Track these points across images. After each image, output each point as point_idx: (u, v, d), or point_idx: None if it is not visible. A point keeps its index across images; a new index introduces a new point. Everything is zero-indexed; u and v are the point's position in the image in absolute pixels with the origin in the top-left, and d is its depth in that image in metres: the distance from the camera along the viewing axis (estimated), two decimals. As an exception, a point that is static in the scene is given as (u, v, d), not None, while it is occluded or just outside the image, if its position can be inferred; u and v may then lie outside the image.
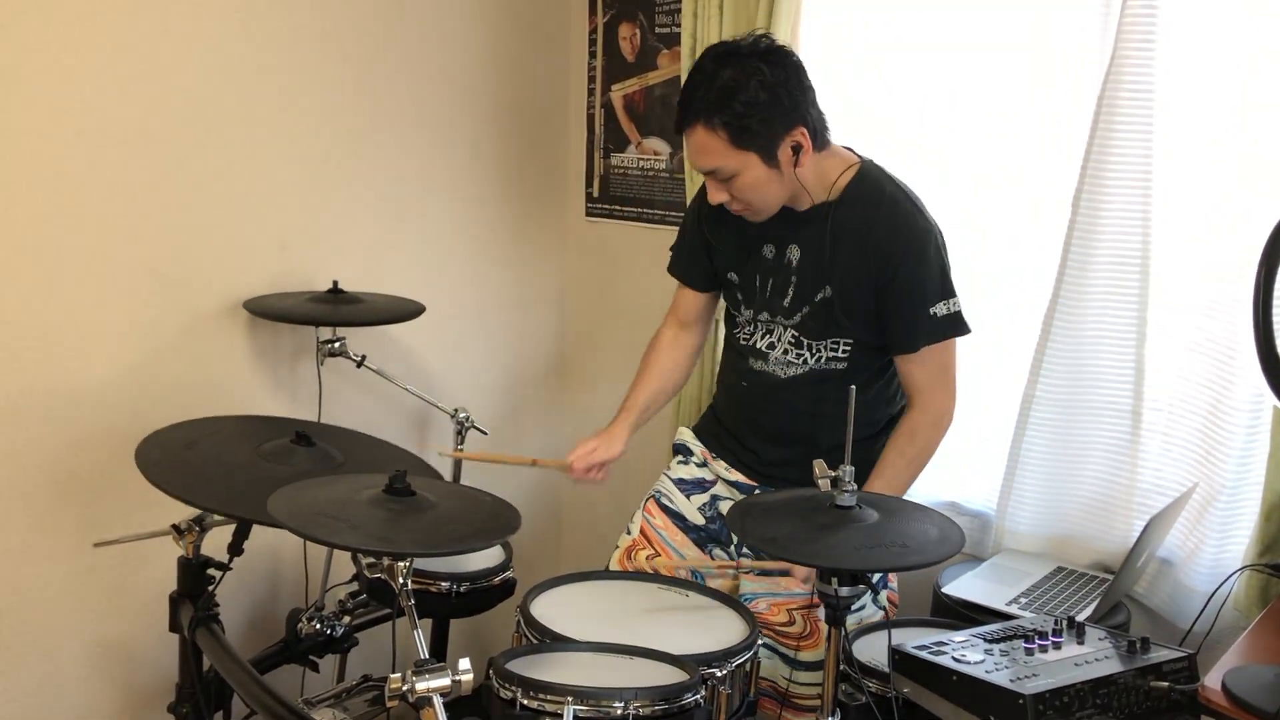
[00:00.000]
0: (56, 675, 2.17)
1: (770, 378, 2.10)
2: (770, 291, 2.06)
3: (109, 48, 2.07)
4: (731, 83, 1.86)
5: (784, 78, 1.88)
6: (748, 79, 1.85)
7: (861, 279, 1.96)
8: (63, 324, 2.08)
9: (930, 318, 1.95)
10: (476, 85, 2.75)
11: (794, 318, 2.04)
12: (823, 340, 2.03)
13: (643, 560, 2.14)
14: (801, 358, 2.06)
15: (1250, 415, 1.94)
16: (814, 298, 2.01)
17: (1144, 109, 2.00)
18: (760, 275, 2.07)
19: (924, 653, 1.61)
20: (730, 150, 1.88)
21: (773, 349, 2.08)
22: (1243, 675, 1.54)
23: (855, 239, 1.96)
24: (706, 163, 1.92)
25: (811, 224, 1.99)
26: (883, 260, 1.94)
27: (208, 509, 1.80)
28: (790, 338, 2.06)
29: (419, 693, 1.41)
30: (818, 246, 1.99)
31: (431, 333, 2.71)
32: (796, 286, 2.03)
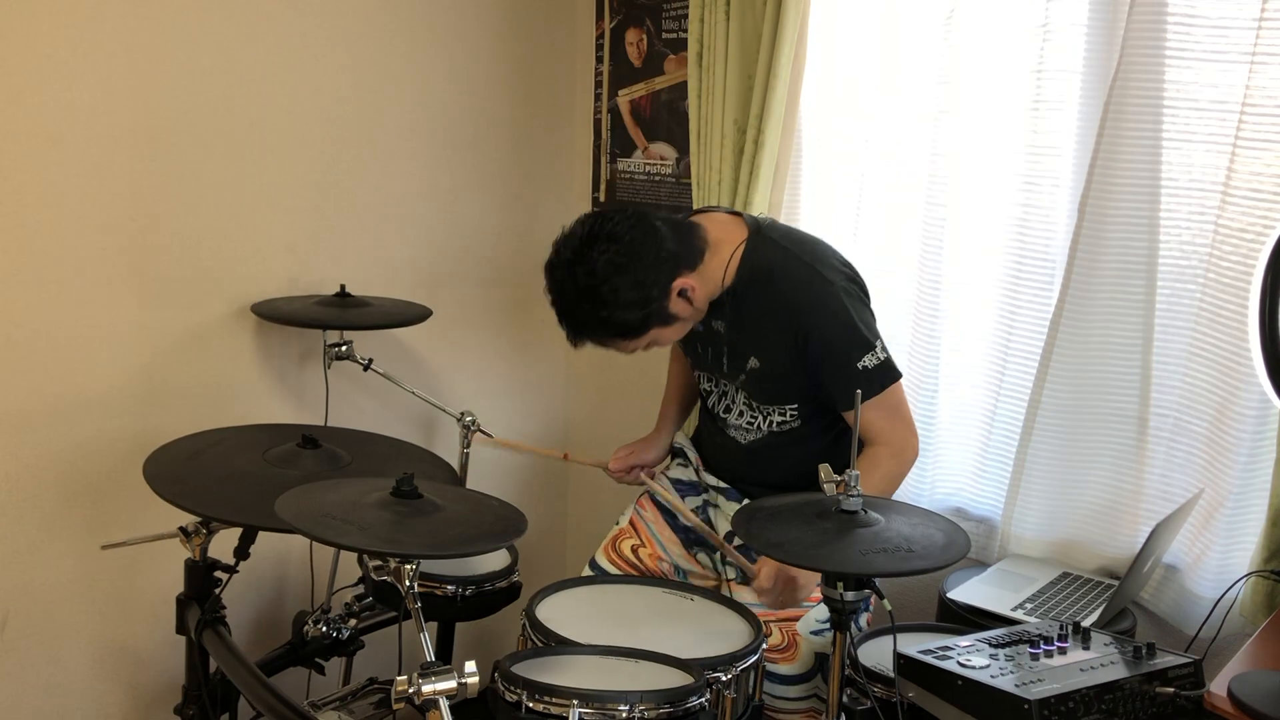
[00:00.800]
0: (64, 677, 2.18)
1: (735, 443, 2.15)
2: (711, 358, 2.11)
3: (117, 52, 2.08)
4: (593, 305, 1.87)
5: (627, 259, 1.86)
6: (602, 293, 1.85)
7: (779, 351, 1.98)
8: (71, 327, 2.09)
9: (860, 371, 1.93)
10: (483, 90, 2.76)
11: (737, 380, 2.08)
12: (769, 405, 2.06)
13: (627, 550, 2.17)
14: (755, 423, 2.09)
15: (1256, 421, 1.93)
16: (745, 366, 2.04)
17: (1151, 116, 2.00)
18: (700, 342, 2.11)
19: (929, 657, 1.60)
20: (633, 340, 1.94)
21: (729, 412, 2.13)
22: (1249, 681, 1.54)
23: (760, 316, 1.98)
24: (621, 352, 1.97)
25: (720, 306, 2.02)
26: (792, 330, 1.94)
27: (215, 518, 1.80)
28: (743, 400, 2.10)
29: (425, 695, 1.41)
30: (737, 324, 2.02)
31: (438, 336, 2.72)
32: (729, 355, 2.06)
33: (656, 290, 1.89)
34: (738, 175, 2.49)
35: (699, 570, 2.20)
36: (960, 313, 2.34)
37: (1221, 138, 1.95)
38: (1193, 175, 2.00)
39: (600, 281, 1.85)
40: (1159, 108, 1.99)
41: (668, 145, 2.84)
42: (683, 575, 2.21)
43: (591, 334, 1.93)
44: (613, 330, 1.90)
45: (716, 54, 2.49)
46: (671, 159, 2.84)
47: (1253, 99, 1.89)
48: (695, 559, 2.21)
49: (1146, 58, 1.98)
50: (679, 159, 2.81)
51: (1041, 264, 2.22)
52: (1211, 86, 1.95)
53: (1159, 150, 2.01)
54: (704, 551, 2.22)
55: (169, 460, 1.85)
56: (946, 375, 2.37)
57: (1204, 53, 1.95)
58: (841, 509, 1.63)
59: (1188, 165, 2.00)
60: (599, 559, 2.21)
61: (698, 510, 2.25)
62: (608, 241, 1.87)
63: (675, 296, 1.92)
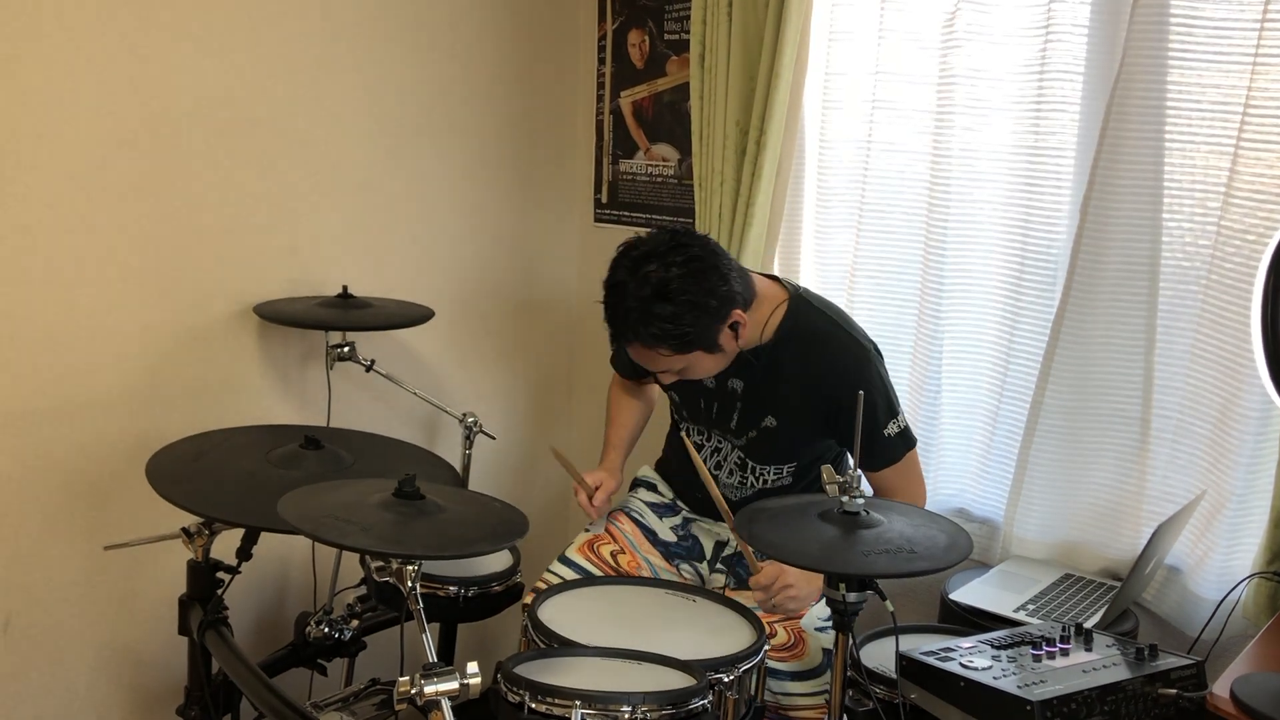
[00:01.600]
0: (66, 677, 2.18)
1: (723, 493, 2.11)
2: (716, 414, 2.10)
3: (119, 53, 2.08)
4: (658, 301, 1.86)
5: (702, 270, 1.88)
6: (671, 290, 1.86)
7: (808, 413, 2.01)
8: (74, 328, 2.09)
9: (885, 439, 2.00)
10: (486, 91, 2.76)
11: (741, 439, 2.08)
12: (767, 465, 2.09)
13: (606, 554, 2.16)
14: (745, 482, 2.12)
15: (1259, 423, 1.93)
16: (759, 424, 2.05)
17: (1154, 117, 2.00)
18: (704, 399, 2.10)
19: (931, 659, 1.61)
20: (674, 357, 1.92)
21: (720, 469, 2.14)
22: (1251, 683, 1.54)
23: (797, 378, 1.99)
24: (654, 367, 1.96)
25: (750, 365, 2.01)
26: (828, 395, 1.97)
27: (217, 518, 1.81)
28: (736, 459, 2.11)
29: (427, 696, 1.41)
30: (759, 382, 2.03)
31: (440, 338, 2.72)
32: (741, 413, 2.06)
33: (717, 311, 1.90)
34: (740, 176, 2.49)
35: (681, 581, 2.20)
36: (962, 314, 2.34)
37: (1224, 139, 1.95)
38: (1195, 177, 2.00)
39: (673, 279, 1.87)
40: (1161, 109, 1.99)
41: (670, 147, 2.84)
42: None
43: (643, 331, 1.88)
44: (666, 335, 1.88)
45: (719, 55, 2.49)
46: (674, 160, 2.84)
47: (1255, 100, 1.89)
48: (678, 570, 2.21)
49: (1149, 59, 1.98)
50: (681, 160, 2.81)
51: (1044, 265, 2.22)
52: (1214, 88, 1.95)
53: (1161, 152, 2.01)
54: (687, 563, 2.22)
55: (171, 461, 1.85)
56: (949, 376, 2.37)
57: (1206, 54, 1.95)
58: (844, 510, 1.63)
59: (1190, 167, 2.00)
60: (573, 556, 2.17)
61: (678, 526, 2.25)
62: (688, 252, 1.89)
63: (727, 328, 1.93)
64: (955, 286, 2.33)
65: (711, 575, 2.21)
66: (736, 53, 2.47)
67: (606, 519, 2.27)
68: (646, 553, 2.21)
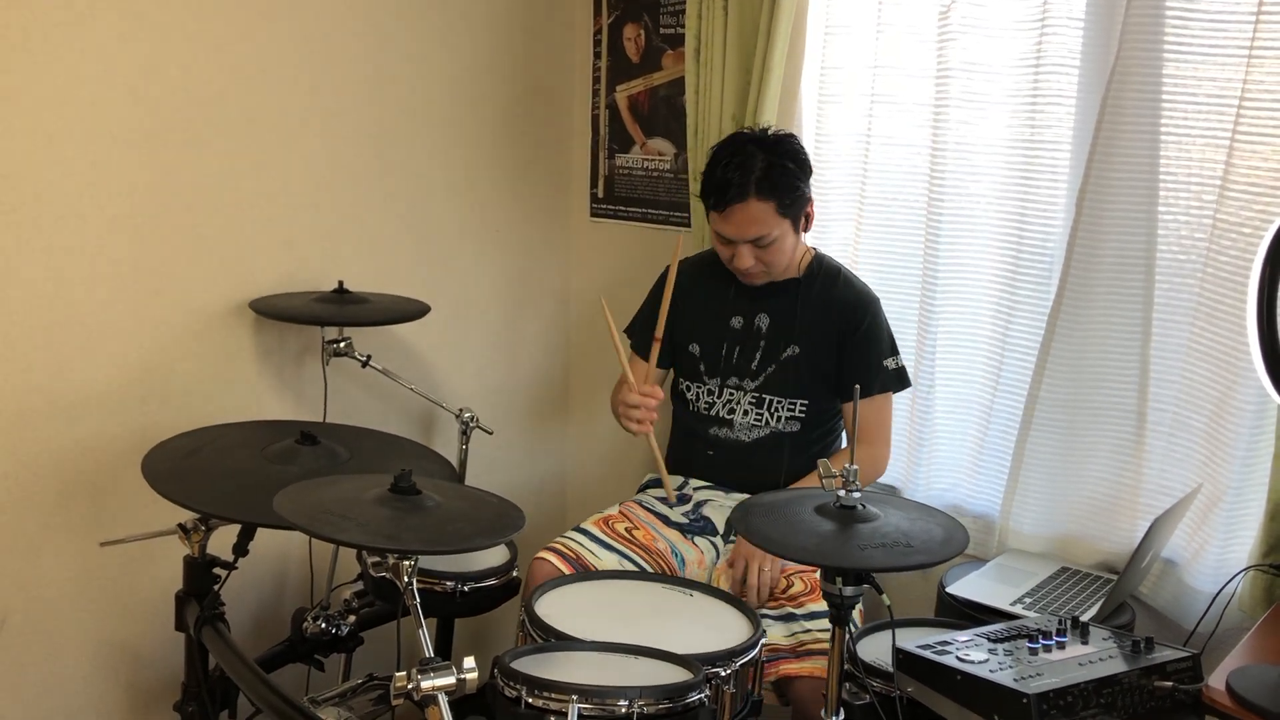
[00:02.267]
0: (63, 674, 2.18)
1: (736, 443, 2.33)
2: (737, 357, 2.32)
3: (114, 48, 2.08)
4: (773, 162, 2.16)
5: (801, 160, 2.20)
6: (783, 159, 2.17)
7: (829, 337, 2.26)
8: (69, 323, 2.09)
9: (884, 368, 2.26)
10: (481, 86, 2.76)
11: (759, 379, 2.31)
12: (782, 399, 2.28)
13: (621, 529, 2.22)
14: (762, 418, 2.30)
15: (1255, 416, 1.94)
16: (780, 356, 2.29)
17: (1149, 110, 2.00)
18: (728, 344, 2.34)
19: (928, 652, 1.61)
20: (775, 219, 2.17)
21: (734, 414, 2.32)
22: (1247, 675, 1.54)
23: (820, 306, 2.28)
24: (754, 231, 2.17)
25: (780, 297, 2.30)
26: (847, 318, 2.26)
27: (213, 514, 1.81)
28: (751, 400, 2.31)
29: (424, 691, 1.41)
30: (787, 313, 2.29)
31: (436, 333, 2.72)
32: (764, 350, 2.30)
33: (808, 190, 2.22)
34: (736, 171, 2.49)
35: (696, 554, 2.24)
36: (959, 307, 2.34)
37: (1219, 132, 1.95)
38: (1191, 170, 2.00)
39: (799, 147, 2.22)
40: (1157, 102, 1.99)
41: (666, 141, 2.84)
42: (680, 559, 2.25)
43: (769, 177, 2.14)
44: (787, 186, 2.15)
45: (714, 49, 2.49)
46: (670, 155, 2.83)
47: (1251, 94, 1.89)
48: (695, 544, 2.26)
49: (1144, 52, 1.98)
50: (677, 155, 2.81)
51: (1040, 258, 2.22)
52: (1209, 81, 1.95)
53: (1157, 145, 2.01)
54: (701, 537, 2.28)
55: (167, 457, 1.85)
56: (944, 370, 2.37)
57: (1202, 47, 1.95)
58: (840, 504, 1.63)
59: (1186, 160, 2.01)
60: (588, 527, 2.26)
61: (688, 512, 2.32)
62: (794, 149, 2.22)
63: (803, 215, 2.23)
64: (951, 279, 2.33)
65: (726, 547, 2.26)
66: (732, 46, 2.46)
67: (619, 505, 2.33)
68: (660, 529, 2.27)
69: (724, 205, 2.16)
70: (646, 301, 2.48)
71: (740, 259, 2.20)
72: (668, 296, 2.24)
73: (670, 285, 2.24)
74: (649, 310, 2.43)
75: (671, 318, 2.31)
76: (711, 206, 2.20)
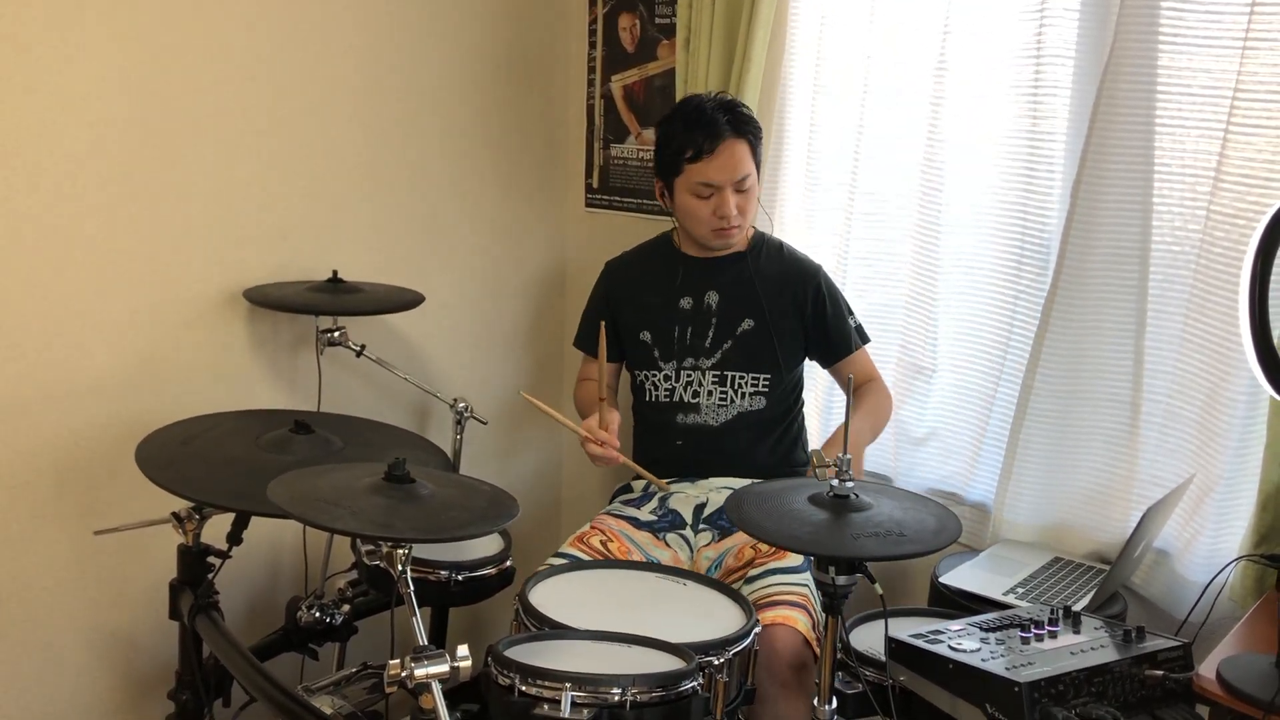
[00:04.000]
0: (57, 662, 2.18)
1: (704, 428, 2.32)
2: (690, 337, 2.33)
3: (108, 38, 2.07)
4: (737, 104, 2.25)
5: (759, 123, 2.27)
6: (740, 107, 2.26)
7: (786, 306, 2.30)
8: (63, 313, 2.09)
9: (852, 325, 2.34)
10: (476, 75, 2.75)
11: (714, 355, 2.31)
12: (744, 374, 2.30)
13: (596, 544, 2.18)
14: (727, 397, 2.31)
15: (1247, 406, 1.94)
16: (735, 331, 2.30)
17: (1144, 101, 2.00)
18: (679, 326, 2.34)
19: (920, 641, 1.61)
20: (750, 160, 2.23)
21: (697, 397, 2.32)
22: (1237, 664, 1.55)
23: (771, 276, 2.32)
24: (743, 170, 2.21)
25: (727, 272, 2.33)
26: (800, 284, 2.31)
27: (207, 503, 1.81)
28: (713, 379, 2.31)
29: (418, 679, 1.42)
30: (738, 287, 2.31)
31: (431, 322, 2.72)
32: (716, 327, 2.31)
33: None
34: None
35: (670, 554, 2.21)
36: (954, 298, 2.34)
37: (1214, 123, 1.95)
38: (1185, 160, 2.00)
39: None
40: (1152, 93, 1.99)
41: (661, 131, 2.83)
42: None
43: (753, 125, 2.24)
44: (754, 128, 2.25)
45: (702, 38, 2.50)
46: (665, 145, 2.83)
47: (1245, 84, 1.89)
48: (666, 543, 2.22)
49: (1140, 43, 1.98)
50: (672, 145, 2.80)
51: (1035, 249, 2.22)
52: (1204, 72, 1.95)
53: (1152, 135, 2.01)
54: (673, 533, 2.24)
55: (161, 446, 1.85)
56: (944, 360, 2.37)
57: (1197, 38, 1.95)
58: (834, 494, 1.63)
59: (1180, 150, 2.01)
60: (566, 549, 2.19)
61: (655, 509, 2.29)
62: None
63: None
64: (947, 271, 2.33)
65: (697, 536, 2.23)
66: (719, 36, 2.46)
67: (590, 523, 2.28)
68: (633, 535, 2.23)
69: (715, 144, 2.18)
70: (587, 314, 2.50)
71: (726, 205, 2.21)
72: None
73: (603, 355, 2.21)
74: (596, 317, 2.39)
75: (616, 313, 2.36)
76: (695, 155, 2.20)
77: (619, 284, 2.43)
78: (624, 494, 2.40)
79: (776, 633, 1.92)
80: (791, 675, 1.89)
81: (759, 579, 2.07)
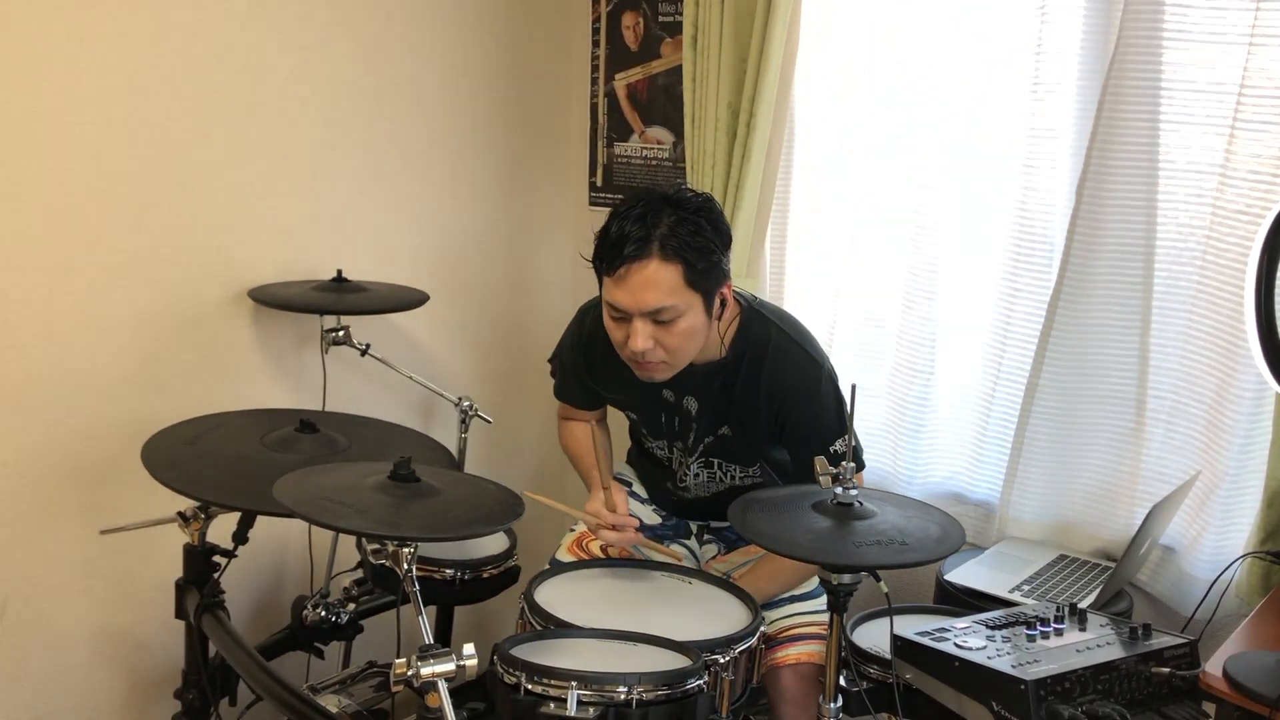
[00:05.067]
0: (64, 662, 2.18)
1: (692, 496, 2.17)
2: (676, 427, 2.08)
3: (112, 37, 2.07)
4: (683, 222, 1.81)
5: (721, 227, 1.86)
6: (697, 221, 1.81)
7: (759, 424, 1.98)
8: (68, 313, 2.09)
9: (832, 455, 1.90)
10: (480, 74, 2.75)
11: (697, 451, 2.09)
12: (731, 465, 2.09)
13: (595, 550, 2.16)
14: (715, 477, 2.12)
15: (1253, 403, 1.94)
16: (717, 433, 2.04)
17: (1149, 98, 1.99)
18: (665, 414, 2.08)
19: (926, 639, 1.61)
20: (682, 289, 1.81)
21: (687, 476, 2.14)
22: (1244, 661, 1.55)
23: (747, 391, 1.96)
24: (653, 300, 1.80)
25: (705, 379, 1.99)
26: (776, 408, 1.94)
27: (213, 502, 1.81)
28: (700, 464, 2.11)
29: (424, 678, 1.42)
30: (713, 400, 2.00)
31: (435, 321, 2.72)
32: (696, 430, 2.06)
33: (724, 264, 1.87)
34: (730, 158, 2.49)
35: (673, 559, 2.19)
36: (957, 296, 2.34)
37: (1219, 120, 1.95)
38: (1190, 157, 2.00)
39: (715, 206, 1.87)
40: (1157, 90, 1.99)
41: (664, 129, 2.83)
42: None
43: (677, 234, 1.79)
44: (698, 248, 1.80)
45: (711, 36, 2.49)
46: (668, 143, 2.83)
47: (1251, 81, 1.88)
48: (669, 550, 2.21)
49: (1144, 39, 1.98)
50: (675, 143, 2.81)
51: (1040, 247, 2.22)
52: (1209, 68, 1.95)
53: (1157, 132, 2.01)
54: (675, 543, 2.22)
55: (167, 445, 1.85)
56: (943, 359, 2.37)
57: (1202, 34, 1.94)
58: (838, 501, 1.63)
59: (1185, 147, 2.00)
60: (563, 558, 2.17)
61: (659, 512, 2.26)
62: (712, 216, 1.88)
63: (718, 296, 1.88)
64: (949, 269, 2.33)
65: (702, 548, 2.22)
66: (729, 34, 2.46)
67: None
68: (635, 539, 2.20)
69: (617, 265, 1.80)
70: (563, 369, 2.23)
71: (634, 338, 1.82)
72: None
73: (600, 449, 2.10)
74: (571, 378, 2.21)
75: (598, 385, 2.15)
76: (604, 269, 1.85)
77: (597, 359, 2.10)
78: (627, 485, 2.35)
79: (802, 670, 1.92)
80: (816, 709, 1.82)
81: (777, 607, 2.04)
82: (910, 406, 2.41)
